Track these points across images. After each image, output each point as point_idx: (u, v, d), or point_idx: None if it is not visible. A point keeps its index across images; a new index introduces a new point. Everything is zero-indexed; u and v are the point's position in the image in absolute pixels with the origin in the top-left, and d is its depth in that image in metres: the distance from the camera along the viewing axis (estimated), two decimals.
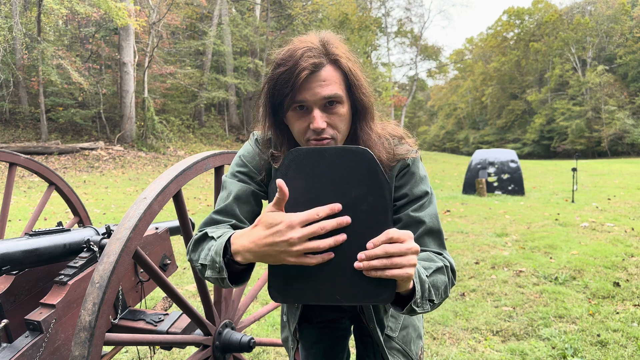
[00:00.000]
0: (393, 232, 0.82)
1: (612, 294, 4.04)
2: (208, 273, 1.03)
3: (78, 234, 2.02)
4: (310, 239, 0.83)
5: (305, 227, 0.82)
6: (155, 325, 1.95)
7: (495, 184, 12.18)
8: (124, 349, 3.11)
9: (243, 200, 1.22)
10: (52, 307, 1.68)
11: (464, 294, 4.18)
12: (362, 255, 0.82)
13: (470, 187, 12.32)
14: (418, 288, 0.95)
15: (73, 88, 20.37)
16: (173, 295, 1.65)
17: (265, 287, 4.17)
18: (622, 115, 43.26)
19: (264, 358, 3.01)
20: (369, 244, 0.83)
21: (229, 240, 0.98)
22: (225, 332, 1.82)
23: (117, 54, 21.31)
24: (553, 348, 3.07)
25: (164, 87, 24.70)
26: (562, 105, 48.01)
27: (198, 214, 8.69)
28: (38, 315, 1.65)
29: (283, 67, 1.07)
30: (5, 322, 1.64)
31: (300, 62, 1.04)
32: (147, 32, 22.70)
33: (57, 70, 18.95)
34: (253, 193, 1.24)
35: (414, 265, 0.83)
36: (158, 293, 4.05)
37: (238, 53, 29.82)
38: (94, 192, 12.65)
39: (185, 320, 1.96)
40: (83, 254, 1.89)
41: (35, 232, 1.90)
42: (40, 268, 1.93)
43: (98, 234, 2.07)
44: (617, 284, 4.27)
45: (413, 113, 68.31)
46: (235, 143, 25.62)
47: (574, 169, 10.99)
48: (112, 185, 14.18)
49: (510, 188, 12.01)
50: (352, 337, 1.62)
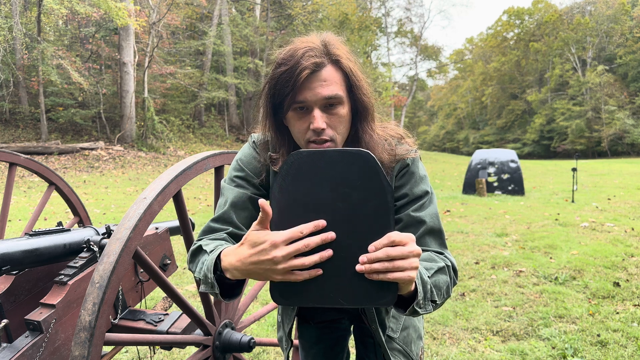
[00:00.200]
0: (395, 235, 0.82)
1: (612, 294, 4.04)
2: (202, 288, 1.06)
3: (78, 234, 2.02)
4: (296, 256, 0.83)
5: (290, 244, 0.82)
6: (155, 325, 1.95)
7: (495, 184, 12.18)
8: (124, 349, 3.11)
9: (240, 207, 1.21)
10: (52, 307, 1.68)
11: (464, 294, 4.18)
12: (363, 259, 0.82)
13: (470, 187, 12.32)
14: (420, 289, 0.94)
15: (73, 88, 20.37)
16: (173, 295, 1.65)
17: (265, 287, 4.17)
18: (622, 115, 43.27)
19: (264, 358, 3.00)
20: (371, 247, 0.82)
21: (219, 257, 0.99)
22: (225, 332, 1.82)
23: (117, 54, 21.31)
24: (553, 348, 3.07)
25: (164, 87, 24.70)
26: (562, 105, 48.02)
27: (198, 214, 8.68)
28: (38, 315, 1.65)
29: (284, 66, 1.06)
30: (5, 322, 1.64)
31: (302, 61, 1.04)
32: (147, 32, 22.70)
33: (57, 70, 18.95)
34: (250, 198, 1.23)
35: (416, 268, 0.82)
36: (158, 293, 4.05)
37: (238, 53, 29.81)
38: (94, 192, 12.65)
39: (185, 320, 1.96)
40: (83, 254, 1.89)
41: (35, 232, 1.90)
42: (40, 268, 1.93)
43: (98, 234, 2.07)
44: (617, 284, 4.27)
45: (413, 113, 68.30)
46: (235, 143, 25.61)
47: (574, 169, 10.99)
48: (112, 185, 14.18)
49: (510, 188, 12.01)
50: (351, 337, 1.62)
